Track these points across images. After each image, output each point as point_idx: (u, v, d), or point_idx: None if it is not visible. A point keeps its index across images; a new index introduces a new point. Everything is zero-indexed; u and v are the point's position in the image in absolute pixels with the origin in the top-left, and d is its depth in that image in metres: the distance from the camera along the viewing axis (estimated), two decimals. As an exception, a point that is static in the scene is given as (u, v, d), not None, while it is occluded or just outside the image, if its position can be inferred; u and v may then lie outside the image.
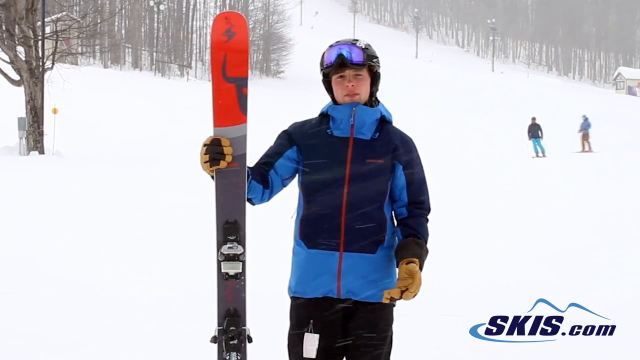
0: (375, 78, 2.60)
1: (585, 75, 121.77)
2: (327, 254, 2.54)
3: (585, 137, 27.70)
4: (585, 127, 27.91)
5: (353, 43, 2.56)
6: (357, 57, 2.52)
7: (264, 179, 2.58)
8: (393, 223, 2.62)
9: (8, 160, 17.42)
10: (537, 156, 25.59)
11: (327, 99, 2.71)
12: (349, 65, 2.52)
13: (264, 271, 5.15)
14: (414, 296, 2.39)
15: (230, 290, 2.54)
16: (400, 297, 2.40)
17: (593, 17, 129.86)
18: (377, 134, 2.60)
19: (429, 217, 2.64)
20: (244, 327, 2.55)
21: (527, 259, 7.24)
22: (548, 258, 7.31)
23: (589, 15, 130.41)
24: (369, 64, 2.55)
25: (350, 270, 2.52)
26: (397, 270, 2.51)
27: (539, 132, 26.44)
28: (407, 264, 2.43)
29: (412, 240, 2.51)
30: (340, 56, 2.52)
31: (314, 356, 2.51)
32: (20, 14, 20.31)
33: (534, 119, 27.38)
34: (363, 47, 2.55)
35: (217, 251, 2.52)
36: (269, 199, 2.63)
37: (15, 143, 20.27)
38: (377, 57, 2.60)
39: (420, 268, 2.45)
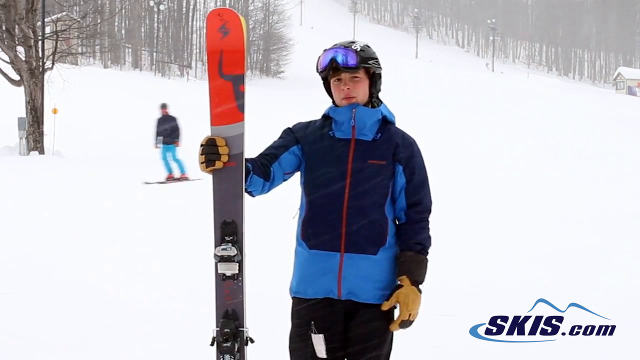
0: (374, 79, 2.60)
1: (585, 75, 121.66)
2: (328, 255, 2.53)
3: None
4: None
5: (347, 46, 2.54)
6: (350, 60, 2.51)
7: (265, 171, 2.56)
8: (395, 224, 2.61)
9: (8, 160, 17.39)
10: (170, 178, 14.22)
11: (328, 99, 2.71)
12: (341, 69, 2.52)
13: (264, 272, 5.16)
14: (410, 321, 2.51)
15: (228, 291, 2.51)
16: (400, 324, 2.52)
17: (593, 17, 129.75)
18: (379, 135, 2.59)
19: (429, 218, 2.62)
20: (241, 329, 2.52)
21: (527, 259, 7.24)
22: (548, 258, 7.31)
23: (589, 15, 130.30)
24: (365, 66, 2.54)
25: (351, 271, 2.52)
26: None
27: (176, 135, 14.51)
28: (396, 288, 2.53)
29: (405, 255, 2.55)
30: (332, 60, 2.52)
31: (325, 356, 2.51)
32: (20, 14, 20.25)
33: (164, 107, 14.92)
34: (359, 49, 2.53)
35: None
36: (268, 191, 2.62)
37: (15, 143, 20.22)
38: (374, 59, 2.58)
39: (415, 280, 2.52)
